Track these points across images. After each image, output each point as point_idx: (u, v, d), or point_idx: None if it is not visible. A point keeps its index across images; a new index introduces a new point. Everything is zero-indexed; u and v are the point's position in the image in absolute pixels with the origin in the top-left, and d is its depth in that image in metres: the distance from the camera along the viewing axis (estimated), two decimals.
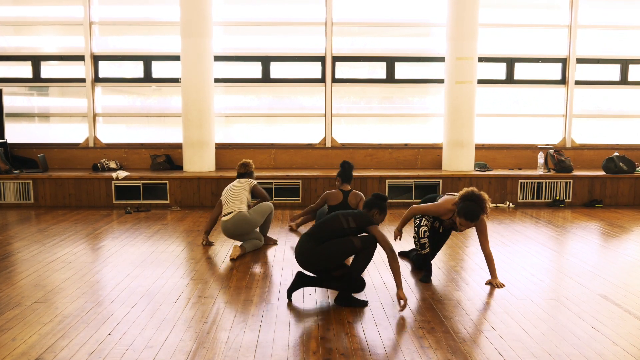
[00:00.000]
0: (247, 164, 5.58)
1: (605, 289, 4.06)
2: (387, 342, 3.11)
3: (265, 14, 8.72)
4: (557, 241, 5.77)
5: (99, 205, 7.71)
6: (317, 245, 3.66)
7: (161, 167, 8.31)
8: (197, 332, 3.24)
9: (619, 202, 7.95)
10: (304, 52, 8.67)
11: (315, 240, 3.68)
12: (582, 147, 8.96)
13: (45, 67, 8.75)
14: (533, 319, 3.46)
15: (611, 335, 3.21)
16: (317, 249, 3.65)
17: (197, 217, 6.98)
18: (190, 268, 4.64)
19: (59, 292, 3.96)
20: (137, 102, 9.16)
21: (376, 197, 3.83)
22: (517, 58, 8.89)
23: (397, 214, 7.11)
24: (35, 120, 9.13)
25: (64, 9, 8.69)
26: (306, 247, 3.71)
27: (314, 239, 3.69)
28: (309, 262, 3.71)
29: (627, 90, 9.11)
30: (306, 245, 3.71)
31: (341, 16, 8.70)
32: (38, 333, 3.21)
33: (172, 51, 8.49)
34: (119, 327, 3.31)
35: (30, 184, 7.68)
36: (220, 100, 8.72)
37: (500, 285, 4.12)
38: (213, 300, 3.80)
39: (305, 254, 3.71)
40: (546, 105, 9.12)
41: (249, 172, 5.54)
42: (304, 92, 8.87)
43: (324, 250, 3.63)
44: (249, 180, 5.39)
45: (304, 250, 3.72)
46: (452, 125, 8.20)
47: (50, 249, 5.26)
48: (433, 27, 8.82)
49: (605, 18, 9.00)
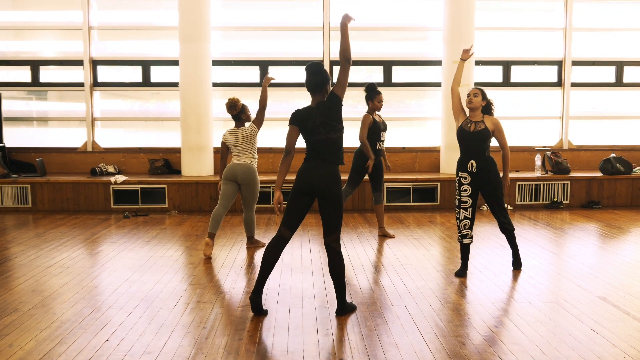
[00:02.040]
0: (235, 104, 5.24)
1: (604, 290, 4.07)
2: (386, 346, 3.11)
3: (263, 18, 8.74)
4: (555, 243, 5.77)
5: (97, 209, 7.69)
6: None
7: (159, 171, 8.31)
8: (196, 338, 3.23)
9: (616, 203, 7.97)
10: (302, 57, 8.68)
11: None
12: (579, 148, 8.99)
13: (44, 71, 8.75)
14: (532, 322, 3.46)
15: (610, 337, 3.21)
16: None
17: (196, 221, 6.98)
18: (188, 273, 4.63)
19: (56, 297, 3.95)
20: (135, 106, 9.16)
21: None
22: (513, 61, 8.91)
23: (395, 217, 7.11)
24: (34, 124, 9.13)
25: (63, 13, 8.70)
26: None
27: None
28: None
29: (622, 92, 9.15)
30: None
31: (338, 20, 8.65)
32: (35, 339, 3.20)
33: (170, 56, 8.50)
34: (117, 332, 3.30)
35: (29, 188, 7.67)
36: (219, 105, 8.71)
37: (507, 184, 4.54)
38: (211, 305, 3.80)
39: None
40: (543, 107, 9.15)
41: (241, 111, 5.29)
42: (301, 97, 8.88)
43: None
44: (253, 130, 5.26)
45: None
46: (449, 128, 8.20)
47: (48, 253, 5.25)
48: (430, 31, 8.84)
49: (599, 21, 9.04)
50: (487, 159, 4.44)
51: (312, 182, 3.50)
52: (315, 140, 3.55)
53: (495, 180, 4.44)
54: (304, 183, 3.54)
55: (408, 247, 5.51)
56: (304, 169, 3.58)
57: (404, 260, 4.97)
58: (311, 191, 3.52)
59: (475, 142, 4.41)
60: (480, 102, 4.46)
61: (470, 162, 4.41)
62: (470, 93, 4.47)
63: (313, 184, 3.50)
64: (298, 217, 3.59)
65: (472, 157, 4.42)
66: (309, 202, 3.58)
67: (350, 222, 6.86)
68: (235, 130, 5.32)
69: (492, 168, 4.45)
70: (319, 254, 5.19)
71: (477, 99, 4.45)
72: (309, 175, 3.52)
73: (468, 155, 4.45)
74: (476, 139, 4.40)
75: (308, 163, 3.58)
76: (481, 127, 4.41)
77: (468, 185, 4.43)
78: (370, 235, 6.09)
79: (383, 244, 5.68)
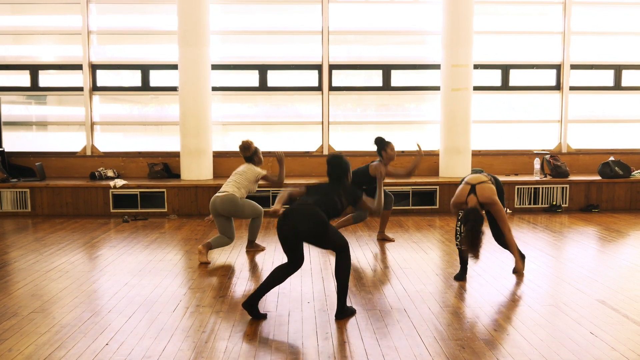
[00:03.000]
0: (248, 146, 5.30)
1: (603, 294, 4.07)
2: (385, 350, 3.11)
3: (262, 22, 8.77)
4: (554, 246, 5.78)
5: (96, 213, 7.69)
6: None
7: (159, 175, 8.31)
8: (195, 342, 3.23)
9: (615, 206, 7.98)
10: (301, 61, 8.70)
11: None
12: (578, 152, 9.00)
13: (43, 75, 8.76)
14: (531, 325, 3.46)
15: (610, 340, 3.22)
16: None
17: (195, 225, 6.98)
18: (188, 277, 4.63)
19: (56, 301, 3.95)
20: (134, 110, 9.17)
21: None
22: (512, 65, 8.94)
23: (394, 221, 7.12)
24: (33, 128, 9.14)
25: (63, 18, 8.72)
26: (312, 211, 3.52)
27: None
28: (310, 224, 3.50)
29: (621, 95, 9.18)
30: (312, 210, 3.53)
31: (337, 25, 8.75)
32: (35, 343, 3.20)
33: (169, 60, 8.52)
34: (117, 337, 3.30)
35: (28, 192, 7.67)
36: (218, 109, 8.74)
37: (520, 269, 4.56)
38: (211, 309, 3.80)
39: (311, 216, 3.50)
40: (541, 111, 9.17)
41: (254, 153, 5.34)
42: (301, 100, 8.90)
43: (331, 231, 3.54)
44: (258, 171, 5.28)
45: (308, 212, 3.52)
46: (448, 132, 8.23)
47: (48, 258, 5.25)
48: (428, 35, 8.87)
49: (598, 24, 9.08)
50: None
51: (295, 225, 3.48)
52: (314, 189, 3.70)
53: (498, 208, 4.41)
54: (286, 227, 3.51)
55: (407, 250, 5.52)
56: (285, 212, 3.55)
57: (404, 264, 4.98)
58: (296, 235, 3.52)
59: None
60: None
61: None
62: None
63: (296, 227, 3.48)
64: (297, 255, 3.61)
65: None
66: (298, 243, 3.58)
67: (350, 226, 6.85)
68: (245, 164, 5.35)
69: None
70: (318, 258, 5.19)
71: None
72: (292, 219, 3.50)
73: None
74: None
75: (293, 205, 3.61)
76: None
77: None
78: (370, 239, 6.09)
79: (382, 247, 5.69)
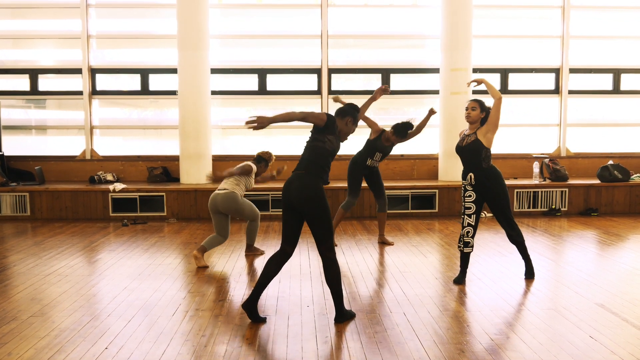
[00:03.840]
0: (269, 156, 5.62)
1: (602, 297, 4.07)
2: (385, 354, 3.11)
3: (262, 26, 8.79)
4: (553, 250, 5.78)
5: (95, 217, 7.69)
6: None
7: (158, 179, 8.31)
8: (195, 346, 3.23)
9: (614, 210, 7.99)
10: (300, 65, 8.72)
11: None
12: (577, 156, 9.02)
13: (42, 79, 8.78)
14: (531, 329, 3.46)
15: (609, 344, 3.22)
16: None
17: (194, 229, 6.98)
18: (187, 281, 4.63)
19: (55, 305, 3.95)
20: (134, 114, 9.18)
21: (350, 106, 3.77)
22: (510, 69, 8.96)
23: (394, 225, 7.12)
24: (32, 132, 9.14)
25: (62, 22, 8.74)
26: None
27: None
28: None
29: (620, 99, 9.20)
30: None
31: (337, 29, 8.77)
32: (34, 347, 3.19)
33: (169, 64, 8.53)
34: (116, 341, 3.30)
35: (27, 196, 7.66)
36: (217, 113, 8.75)
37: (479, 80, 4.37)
38: (210, 313, 3.79)
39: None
40: (540, 114, 9.19)
41: (268, 159, 5.59)
42: (300, 104, 8.89)
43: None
44: (254, 166, 5.42)
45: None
46: (447, 136, 8.23)
47: (47, 262, 5.24)
48: (427, 38, 8.90)
49: (597, 28, 9.10)
50: (487, 170, 4.35)
51: (291, 195, 3.52)
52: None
53: (497, 190, 4.36)
54: (285, 196, 3.59)
55: (407, 254, 5.52)
56: (286, 182, 3.62)
57: (403, 268, 4.98)
58: (292, 205, 3.55)
59: (468, 155, 4.38)
60: (479, 115, 4.35)
61: (469, 175, 4.40)
62: (468, 107, 4.38)
63: (292, 197, 3.52)
64: (291, 232, 3.61)
65: (470, 170, 4.39)
66: (296, 215, 3.58)
67: (349, 229, 6.86)
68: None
69: (493, 179, 4.36)
70: (317, 261, 5.19)
71: (475, 113, 4.35)
72: (288, 188, 3.56)
73: (466, 168, 4.44)
74: (468, 152, 4.37)
75: (292, 175, 3.63)
76: (472, 139, 4.35)
77: (472, 192, 4.41)
78: (369, 242, 6.09)
79: (382, 251, 5.69)
